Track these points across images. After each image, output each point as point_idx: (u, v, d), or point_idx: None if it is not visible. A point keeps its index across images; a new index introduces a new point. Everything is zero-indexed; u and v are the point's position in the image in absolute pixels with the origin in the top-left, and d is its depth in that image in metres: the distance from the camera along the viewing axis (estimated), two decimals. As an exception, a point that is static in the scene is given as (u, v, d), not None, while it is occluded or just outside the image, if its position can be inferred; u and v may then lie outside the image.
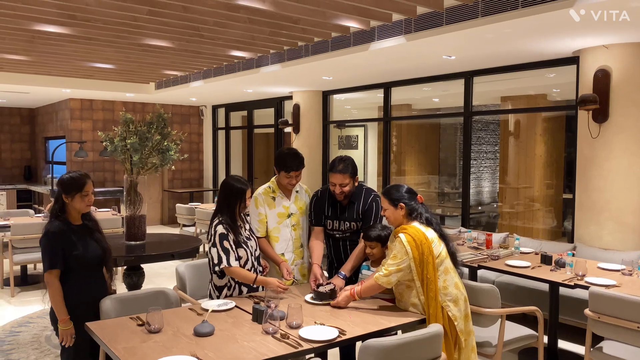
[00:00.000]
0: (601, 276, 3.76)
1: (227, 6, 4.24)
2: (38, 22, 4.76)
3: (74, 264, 2.89)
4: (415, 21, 4.77)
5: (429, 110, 9.87)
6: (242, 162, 11.53)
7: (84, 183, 2.95)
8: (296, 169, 3.40)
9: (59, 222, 2.90)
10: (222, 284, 3.19)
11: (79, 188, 2.93)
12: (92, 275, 3.00)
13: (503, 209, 8.39)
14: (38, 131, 12.38)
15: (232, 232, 3.12)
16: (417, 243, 2.81)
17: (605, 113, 4.79)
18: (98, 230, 3.09)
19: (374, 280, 2.86)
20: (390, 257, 2.86)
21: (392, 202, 2.95)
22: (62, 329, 2.82)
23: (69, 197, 2.92)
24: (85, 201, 2.96)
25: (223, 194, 3.20)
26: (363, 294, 2.91)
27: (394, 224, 2.98)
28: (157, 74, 8.04)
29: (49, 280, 2.84)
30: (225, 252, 3.07)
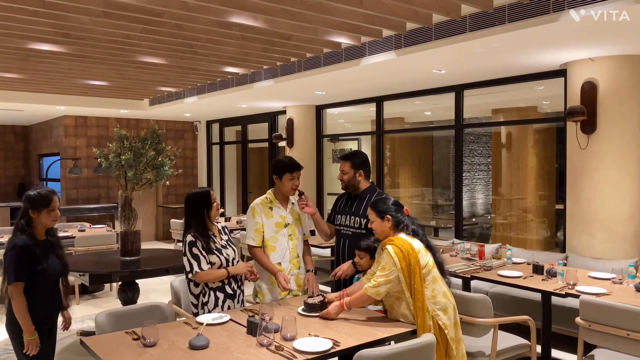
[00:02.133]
0: (592, 285, 3.80)
1: (220, 24, 4.31)
2: (32, 41, 4.82)
3: (38, 278, 2.96)
4: (404, 36, 4.86)
5: (422, 123, 9.97)
6: (237, 177, 11.57)
7: (50, 199, 3.03)
8: (299, 168, 3.53)
9: (25, 237, 2.96)
10: (197, 292, 3.25)
11: (46, 204, 3.01)
12: (52, 290, 3.09)
13: (496, 220, 8.45)
14: (32, 148, 12.39)
15: (201, 239, 3.20)
16: (405, 254, 2.86)
17: (593, 124, 4.88)
18: (60, 246, 3.18)
19: (363, 291, 2.89)
20: (378, 268, 2.90)
21: (379, 214, 3.01)
22: (27, 338, 2.91)
23: (35, 212, 2.99)
24: (51, 216, 3.04)
25: (187, 207, 3.30)
26: (352, 304, 2.94)
27: (381, 236, 3.04)
28: (151, 90, 8.10)
29: (14, 293, 2.90)
30: (195, 259, 3.15)
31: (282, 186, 3.52)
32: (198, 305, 3.25)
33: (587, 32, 4.09)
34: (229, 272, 3.22)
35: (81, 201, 10.45)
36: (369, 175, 3.64)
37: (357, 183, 3.56)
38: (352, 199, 3.61)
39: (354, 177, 3.55)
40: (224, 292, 3.27)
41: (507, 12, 4.08)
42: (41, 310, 3.01)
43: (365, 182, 3.59)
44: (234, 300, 3.30)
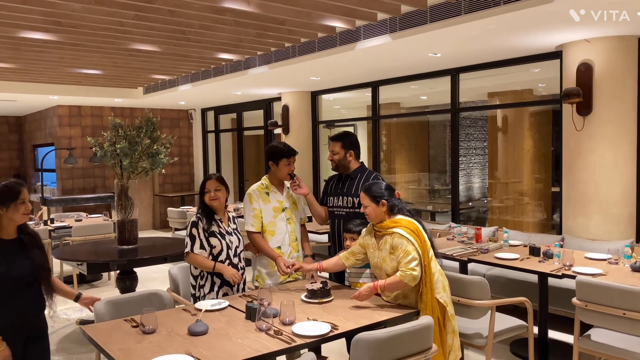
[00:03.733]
0: (588, 266, 3.83)
1: (212, 9, 4.26)
2: (23, 29, 4.76)
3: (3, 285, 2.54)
4: (399, 20, 4.82)
5: (418, 108, 9.94)
6: (233, 165, 11.54)
7: (19, 190, 2.63)
8: (295, 153, 3.57)
9: None
10: (196, 274, 3.34)
11: (14, 196, 2.61)
12: (20, 296, 2.64)
13: (493, 203, 8.47)
14: (26, 139, 12.32)
15: (203, 221, 3.30)
16: (415, 232, 2.91)
17: (589, 106, 4.87)
18: (36, 246, 2.74)
19: (399, 278, 2.84)
20: (401, 256, 2.86)
21: (373, 199, 3.01)
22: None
23: (3, 207, 2.59)
24: (21, 210, 2.63)
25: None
26: (387, 289, 2.90)
27: (375, 221, 3.04)
28: (145, 78, 8.04)
29: None
30: (192, 239, 3.27)
31: (278, 172, 3.54)
32: (196, 287, 3.32)
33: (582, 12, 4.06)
34: (215, 266, 3.25)
35: (77, 191, 10.42)
36: (359, 156, 3.70)
37: (348, 163, 3.62)
38: (343, 179, 3.66)
39: (345, 158, 3.61)
40: (222, 278, 3.30)
41: (502, -7, 4.05)
42: (11, 318, 2.59)
43: (355, 162, 3.65)
44: (232, 288, 3.32)
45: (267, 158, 3.59)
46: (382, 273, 3.00)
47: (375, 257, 3.03)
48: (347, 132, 3.72)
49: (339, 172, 3.69)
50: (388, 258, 2.94)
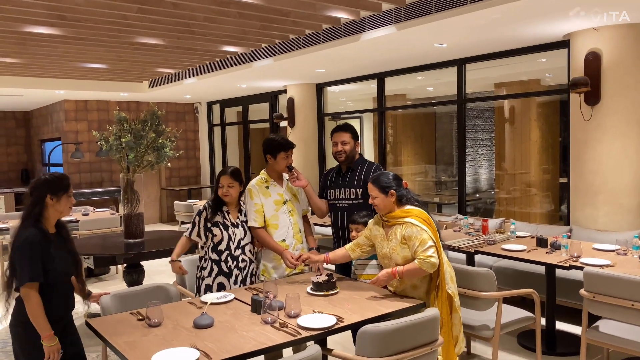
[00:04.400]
0: (596, 257, 3.79)
1: (216, 1, 4.25)
2: (28, 24, 4.76)
3: (51, 278, 2.57)
4: (405, 10, 4.78)
5: (424, 99, 9.89)
6: (239, 158, 11.54)
7: (69, 183, 2.69)
8: (293, 146, 3.55)
9: (36, 231, 2.55)
10: (202, 255, 3.47)
11: (65, 188, 2.65)
12: (66, 289, 2.74)
13: (500, 195, 8.43)
14: (33, 134, 12.37)
15: (208, 211, 3.40)
16: (427, 222, 2.91)
17: (597, 95, 4.81)
18: (70, 240, 2.80)
19: (417, 265, 2.82)
20: (417, 245, 2.85)
21: (382, 189, 2.99)
22: (48, 345, 2.51)
23: (54, 198, 2.61)
24: (69, 202, 2.68)
25: None
26: (405, 275, 2.87)
27: (384, 211, 3.03)
28: (150, 72, 8.04)
29: (28, 294, 2.49)
30: (192, 225, 3.43)
31: (276, 165, 3.53)
32: (199, 268, 3.45)
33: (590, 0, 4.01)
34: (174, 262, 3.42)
35: (84, 185, 10.47)
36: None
37: (355, 154, 3.64)
38: (343, 171, 3.65)
39: (354, 148, 3.61)
40: (219, 267, 3.35)
41: (508, -18, 3.99)
42: (56, 312, 2.64)
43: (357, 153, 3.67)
44: (229, 279, 3.34)
45: (264, 151, 3.56)
46: (391, 263, 2.98)
47: (384, 247, 3.02)
48: (349, 123, 3.72)
49: (341, 164, 3.67)
50: (399, 247, 2.92)
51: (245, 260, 3.42)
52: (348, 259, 3.27)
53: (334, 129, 3.68)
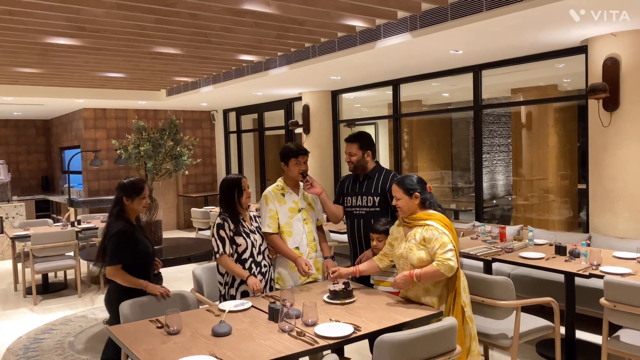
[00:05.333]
0: (616, 265, 3.74)
1: (233, 11, 4.29)
2: (49, 35, 4.86)
3: (141, 260, 3.27)
4: (420, 18, 4.78)
5: (439, 105, 9.85)
6: (255, 165, 11.61)
7: (142, 187, 3.32)
8: (304, 153, 3.56)
9: (123, 222, 3.25)
10: (224, 271, 3.40)
11: (138, 192, 3.29)
12: (150, 268, 3.41)
13: (517, 201, 8.35)
14: (53, 142, 12.59)
15: (229, 221, 3.33)
16: (449, 227, 2.91)
17: (616, 101, 4.76)
18: (143, 228, 3.52)
19: (435, 268, 2.82)
20: (437, 247, 2.85)
21: (406, 191, 3.00)
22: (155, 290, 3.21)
23: (129, 199, 3.27)
24: (142, 204, 3.32)
25: (220, 192, 3.47)
26: (422, 278, 2.86)
27: (407, 213, 3.02)
28: (167, 80, 8.14)
29: (115, 273, 3.19)
30: (221, 241, 3.31)
31: (289, 172, 3.56)
32: (223, 284, 3.40)
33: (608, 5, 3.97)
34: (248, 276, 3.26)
35: (103, 192, 10.61)
36: (375, 155, 3.69)
37: (366, 163, 3.63)
38: (360, 179, 3.65)
39: (363, 158, 3.61)
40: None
41: (524, -12, 3.98)
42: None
43: (372, 161, 3.66)
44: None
45: (280, 159, 3.61)
46: (406, 263, 2.97)
47: (401, 247, 3.02)
48: (362, 132, 3.70)
49: (355, 173, 3.68)
50: (415, 248, 2.93)
51: (266, 265, 3.46)
52: (377, 269, 3.25)
53: (345, 139, 3.71)
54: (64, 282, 6.93)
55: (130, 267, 3.24)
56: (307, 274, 3.38)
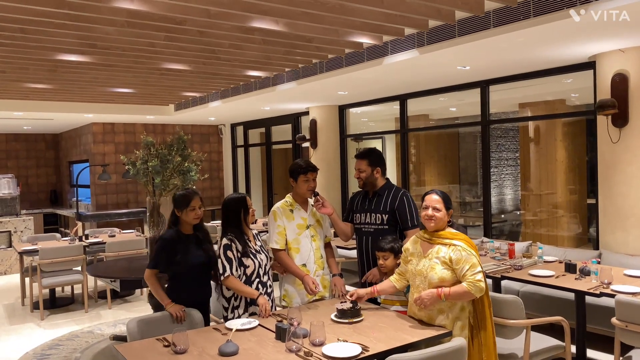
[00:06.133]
0: (628, 283, 3.70)
1: (241, 29, 4.33)
2: (60, 52, 4.92)
3: (177, 268, 3.31)
4: (427, 34, 4.80)
5: (447, 119, 9.84)
6: (262, 179, 11.63)
7: (190, 199, 3.36)
8: (313, 170, 3.54)
9: (171, 231, 3.39)
10: (229, 295, 3.32)
11: (186, 204, 3.35)
12: (196, 280, 3.38)
13: (526, 216, 8.29)
14: (62, 156, 12.68)
15: (236, 242, 3.26)
16: (475, 248, 2.91)
17: (625, 117, 4.74)
18: (208, 241, 3.48)
19: (466, 288, 2.80)
20: (467, 268, 2.83)
21: (446, 206, 3.00)
22: (170, 309, 3.22)
23: (179, 211, 3.36)
24: (191, 215, 3.36)
25: (224, 212, 3.40)
26: (451, 297, 2.84)
27: (436, 228, 2.98)
28: (176, 95, 8.20)
29: (148, 277, 3.33)
30: (228, 262, 3.24)
31: (298, 188, 3.55)
32: (229, 309, 3.30)
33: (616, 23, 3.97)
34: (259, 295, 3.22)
35: (110, 206, 10.65)
36: (385, 172, 3.66)
37: (375, 180, 3.60)
38: (370, 196, 3.62)
39: (372, 175, 3.58)
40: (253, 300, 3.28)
41: (531, 6, 3.99)
42: (189, 297, 3.31)
43: (382, 179, 3.63)
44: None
45: (289, 175, 3.61)
46: (423, 281, 2.92)
47: (420, 264, 2.97)
48: (372, 149, 3.69)
49: (366, 190, 3.67)
50: (438, 267, 2.88)
51: (271, 285, 3.43)
52: (394, 289, 3.19)
53: (355, 155, 3.70)
54: (71, 297, 6.93)
55: (176, 277, 3.34)
56: (314, 293, 3.36)
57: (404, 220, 3.47)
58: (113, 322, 5.82)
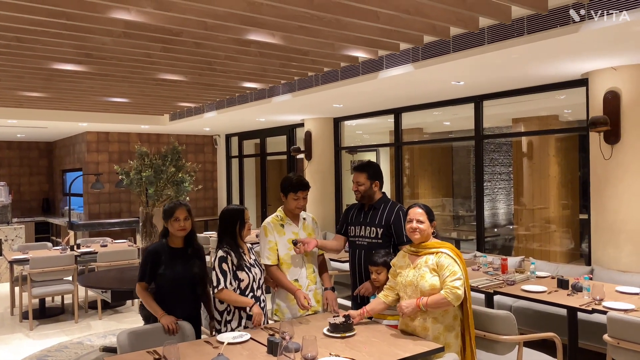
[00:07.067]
0: (619, 300, 3.71)
1: (238, 41, 4.35)
2: (56, 61, 4.92)
3: (160, 280, 3.29)
4: (422, 49, 4.84)
5: (441, 133, 9.90)
6: (256, 190, 11.61)
7: (174, 210, 3.33)
8: (304, 188, 3.51)
9: (157, 243, 3.38)
10: (222, 309, 3.27)
11: (170, 215, 3.32)
12: (180, 294, 3.32)
13: (519, 231, 8.32)
14: (56, 164, 12.63)
15: (232, 255, 3.23)
16: (460, 257, 2.95)
17: (617, 134, 4.78)
18: (198, 257, 3.42)
19: (443, 296, 2.83)
20: (447, 275, 2.87)
21: (429, 218, 3.06)
22: (163, 322, 3.18)
23: (166, 222, 3.34)
24: (175, 226, 3.30)
25: (221, 222, 3.36)
26: (429, 306, 2.87)
27: (421, 240, 3.04)
28: (171, 106, 8.20)
29: (137, 289, 3.34)
30: (223, 274, 3.19)
31: (287, 204, 3.55)
32: (221, 322, 3.27)
33: (608, 41, 4.03)
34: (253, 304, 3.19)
35: (103, 216, 10.60)
36: (382, 185, 3.66)
37: (373, 194, 3.60)
38: (365, 209, 3.61)
39: (370, 188, 3.57)
40: (246, 311, 3.25)
41: (525, 23, 4.04)
42: (170, 310, 3.25)
43: (379, 192, 3.63)
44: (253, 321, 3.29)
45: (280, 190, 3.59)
46: (415, 291, 2.95)
47: (410, 275, 3.00)
48: (371, 162, 3.71)
49: (362, 202, 3.67)
50: (427, 275, 2.92)
51: (264, 299, 3.40)
52: (384, 305, 3.19)
53: (353, 168, 3.69)
54: (61, 307, 6.87)
55: (158, 289, 3.31)
56: (306, 308, 3.35)
57: (399, 235, 3.47)
58: (103, 333, 5.76)
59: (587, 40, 3.96)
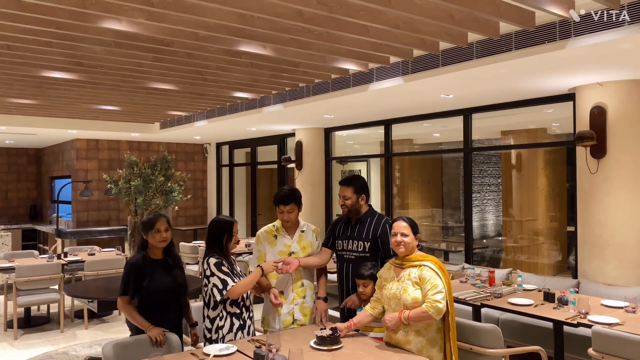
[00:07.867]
0: (605, 314, 3.74)
1: (229, 52, 4.37)
2: (46, 69, 4.91)
3: (144, 293, 3.23)
4: (412, 63, 4.89)
5: (431, 144, 9.96)
6: (246, 199, 11.59)
7: (154, 222, 3.30)
8: (284, 203, 3.50)
9: (138, 256, 3.31)
10: (214, 315, 3.26)
11: (150, 226, 3.29)
12: (163, 306, 3.30)
13: (507, 243, 8.37)
14: (44, 171, 12.53)
15: (225, 262, 3.25)
16: (443, 271, 2.96)
17: (603, 149, 4.85)
18: (178, 267, 3.42)
19: (424, 310, 2.84)
20: (428, 288, 2.89)
21: (414, 231, 3.08)
22: (150, 334, 3.15)
23: (146, 234, 3.30)
24: (156, 237, 3.28)
25: (211, 232, 3.35)
26: (411, 320, 2.89)
27: (406, 253, 3.05)
28: (161, 114, 8.19)
29: (120, 304, 3.28)
30: (227, 275, 3.19)
31: (277, 215, 3.57)
32: (212, 330, 3.26)
33: (594, 58, 4.10)
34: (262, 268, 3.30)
35: (91, 223, 10.52)
36: (369, 198, 3.67)
37: (360, 207, 3.59)
38: (352, 223, 3.61)
39: (357, 202, 3.56)
40: (239, 320, 3.27)
41: (513, 39, 4.10)
42: (155, 322, 3.22)
43: (365, 205, 3.62)
44: (243, 331, 3.29)
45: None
46: (398, 304, 2.97)
47: (393, 288, 3.02)
48: (357, 176, 3.72)
49: (348, 216, 3.67)
50: (410, 288, 2.94)
51: (252, 309, 3.41)
52: (371, 317, 3.19)
53: (340, 182, 3.68)
54: (47, 316, 6.79)
55: (143, 302, 3.25)
56: (276, 305, 3.41)
57: (385, 248, 3.47)
58: (89, 343, 5.70)
59: (574, 56, 4.03)
